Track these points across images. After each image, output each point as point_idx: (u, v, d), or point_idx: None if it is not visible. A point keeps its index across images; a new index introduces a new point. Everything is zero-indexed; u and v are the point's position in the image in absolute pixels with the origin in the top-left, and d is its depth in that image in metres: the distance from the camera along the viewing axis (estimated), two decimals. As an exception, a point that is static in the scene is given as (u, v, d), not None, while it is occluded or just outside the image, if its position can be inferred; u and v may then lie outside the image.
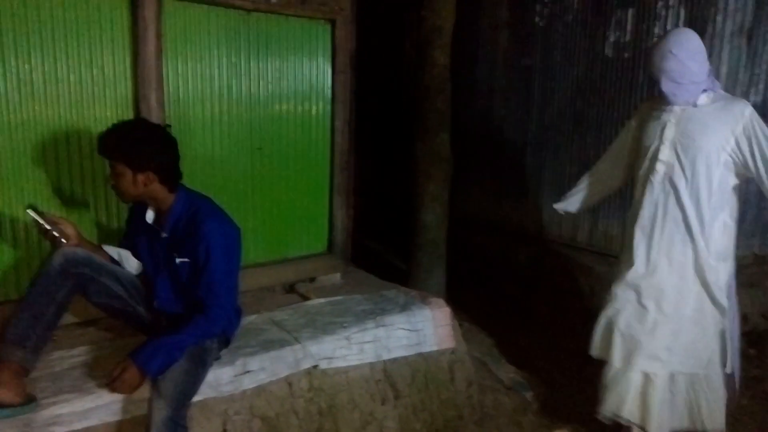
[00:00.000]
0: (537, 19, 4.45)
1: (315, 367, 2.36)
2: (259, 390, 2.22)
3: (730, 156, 2.21)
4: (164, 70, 2.40)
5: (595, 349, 2.46)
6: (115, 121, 2.20)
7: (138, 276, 2.20)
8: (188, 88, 2.50)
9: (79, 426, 1.84)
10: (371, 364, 2.54)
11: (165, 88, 2.41)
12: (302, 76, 2.83)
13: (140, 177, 1.95)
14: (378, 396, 2.54)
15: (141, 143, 1.92)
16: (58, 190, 2.27)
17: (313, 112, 2.90)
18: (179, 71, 2.46)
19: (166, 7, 2.37)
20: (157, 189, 2.01)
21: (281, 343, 2.33)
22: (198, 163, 2.57)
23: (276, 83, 2.74)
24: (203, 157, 2.59)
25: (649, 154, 2.34)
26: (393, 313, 2.69)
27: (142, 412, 1.89)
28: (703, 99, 2.23)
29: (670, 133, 2.29)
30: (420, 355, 2.68)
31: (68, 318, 2.32)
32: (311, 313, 2.66)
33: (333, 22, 2.86)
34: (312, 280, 3.01)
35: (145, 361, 1.86)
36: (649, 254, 2.33)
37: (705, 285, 2.28)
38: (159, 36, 2.35)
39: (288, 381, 2.30)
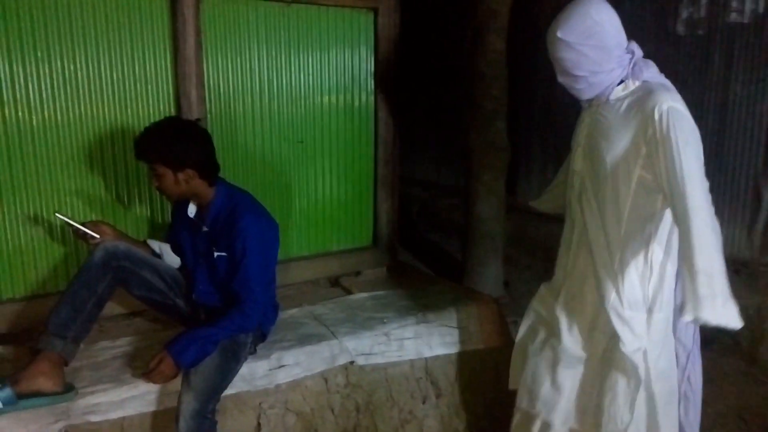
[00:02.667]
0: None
1: (352, 363, 2.32)
2: (294, 385, 2.21)
3: (646, 171, 1.60)
4: (204, 65, 2.42)
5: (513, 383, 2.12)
6: (156, 118, 2.27)
7: (179, 269, 2.25)
8: (229, 82, 2.51)
9: (114, 415, 1.90)
10: (412, 362, 2.47)
11: (206, 84, 2.44)
12: (344, 67, 2.78)
13: (181, 175, 1.97)
14: (418, 394, 2.47)
15: (176, 142, 1.94)
16: (105, 187, 2.34)
17: (356, 103, 2.85)
18: (219, 66, 2.47)
19: (205, 3, 2.39)
20: (198, 184, 2.03)
21: (318, 338, 2.31)
22: (240, 158, 2.59)
23: (317, 75, 2.71)
24: (245, 151, 2.60)
25: (570, 163, 1.88)
26: (437, 309, 2.60)
27: (175, 404, 1.92)
28: (618, 92, 1.66)
29: (582, 137, 1.79)
30: (464, 353, 2.59)
31: (116, 309, 2.41)
32: (352, 308, 2.63)
33: (375, 11, 2.79)
34: (357, 274, 2.98)
35: (179, 352, 1.88)
36: (562, 287, 1.90)
37: (613, 343, 1.73)
38: (198, 32, 2.37)
39: (324, 376, 2.28)
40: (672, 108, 1.53)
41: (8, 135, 2.13)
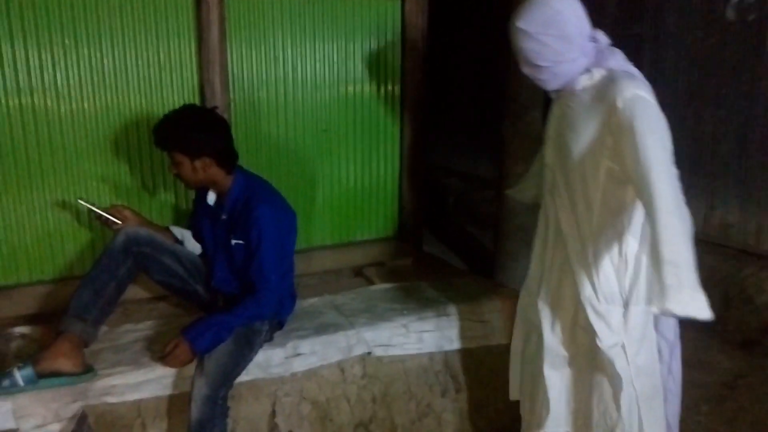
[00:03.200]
0: (649, -18, 4.01)
1: (369, 353, 2.30)
2: (310, 373, 2.21)
3: (614, 162, 1.54)
4: (228, 54, 2.44)
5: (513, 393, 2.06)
6: (181, 103, 2.29)
7: (200, 256, 2.28)
8: (252, 71, 2.52)
9: (130, 398, 1.94)
10: (431, 354, 2.43)
11: (229, 72, 2.45)
12: (370, 56, 2.75)
13: (198, 163, 1.99)
14: (437, 387, 2.43)
15: (193, 130, 1.95)
16: (131, 173, 2.39)
17: (382, 92, 2.81)
18: (243, 55, 2.48)
19: (229, -9, 2.40)
20: (216, 172, 2.04)
21: (335, 328, 2.30)
22: (263, 146, 2.60)
23: (342, 64, 2.69)
24: (269, 140, 2.61)
25: (543, 163, 1.82)
26: (459, 302, 2.55)
27: (190, 388, 1.95)
28: (584, 81, 1.59)
29: (551, 129, 1.75)
30: (486, 348, 2.53)
31: (140, 293, 2.46)
32: (373, 299, 2.60)
33: (403, 2, 2.74)
34: (381, 264, 2.95)
35: (194, 337, 1.91)
36: (540, 286, 1.84)
37: (592, 340, 1.66)
38: (222, 20, 2.38)
39: (340, 366, 2.27)
40: (635, 96, 1.47)
41: (37, 122, 2.20)
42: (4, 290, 2.25)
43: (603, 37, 1.61)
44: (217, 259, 2.18)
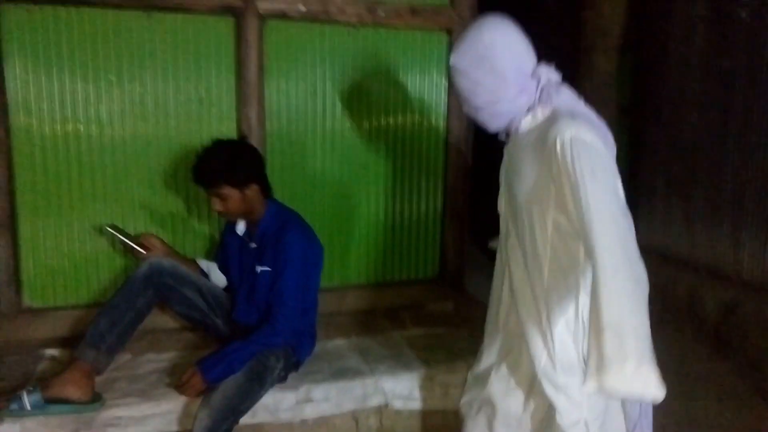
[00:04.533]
0: (741, 11, 3.64)
1: (386, 405, 2.17)
2: (322, 421, 2.11)
3: (560, 214, 1.35)
4: (266, 88, 2.44)
5: None
6: (218, 137, 2.34)
7: (225, 290, 2.26)
8: (290, 104, 2.51)
9: (133, 430, 1.92)
10: (458, 412, 2.25)
11: (266, 106, 2.46)
12: (413, 90, 2.67)
13: (247, 192, 2.01)
14: (462, 448, 2.24)
15: (238, 161, 1.97)
16: (167, 202, 2.43)
17: (425, 128, 2.72)
18: (281, 88, 2.48)
19: (269, 27, 2.42)
20: (259, 199, 2.07)
21: (353, 374, 2.19)
22: (299, 180, 2.57)
23: (383, 98, 2.63)
24: (305, 174, 2.58)
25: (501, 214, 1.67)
26: (495, 355, 2.36)
27: (194, 427, 1.91)
28: (527, 122, 1.44)
29: (502, 175, 1.59)
30: (522, 407, 2.31)
31: (169, 323, 2.48)
32: (401, 345, 2.47)
33: (449, 32, 2.65)
34: (419, 307, 2.81)
35: (207, 368, 1.90)
36: (490, 350, 1.66)
37: (550, 415, 1.45)
38: (261, 56, 2.40)
39: (354, 416, 2.15)
40: (574, 137, 1.28)
41: (80, 151, 2.29)
42: (41, 312, 2.34)
43: (550, 73, 1.44)
44: (240, 289, 2.17)
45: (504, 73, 1.39)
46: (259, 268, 2.08)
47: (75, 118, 2.27)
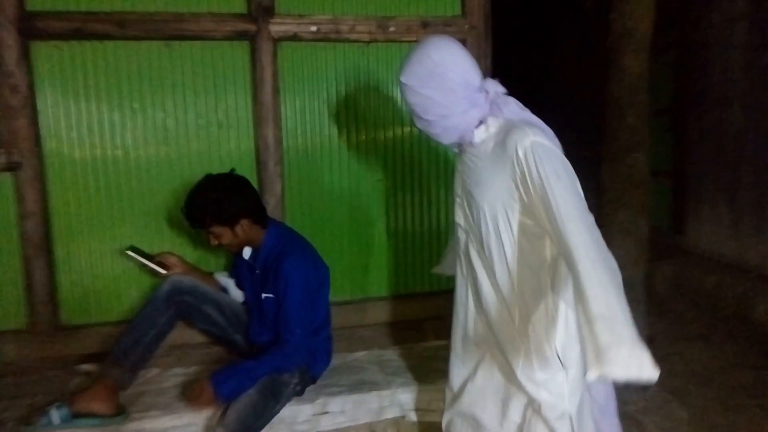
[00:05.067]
0: (784, 4, 3.48)
1: (403, 417, 2.17)
2: (338, 434, 2.13)
3: (526, 217, 1.44)
4: (281, 107, 2.51)
5: None
6: (237, 159, 2.44)
7: (243, 303, 2.33)
8: (306, 122, 2.57)
9: (156, 443, 2.00)
10: (477, 424, 2.23)
11: (282, 125, 2.52)
12: (428, 103, 2.67)
13: (237, 228, 2.05)
14: (482, 462, 2.21)
15: (224, 200, 2.01)
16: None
17: (442, 139, 2.71)
18: (296, 107, 2.55)
19: (282, 49, 2.49)
20: (254, 230, 2.10)
21: (370, 387, 2.20)
22: (317, 196, 2.62)
23: (398, 111, 2.65)
24: (322, 189, 2.63)
25: (456, 225, 1.69)
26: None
27: (214, 439, 1.97)
28: (480, 133, 1.51)
29: (458, 186, 1.64)
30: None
31: (197, 337, 2.56)
32: (422, 357, 2.46)
33: (463, 42, 2.64)
34: (443, 318, 2.80)
35: (218, 382, 1.94)
36: (462, 363, 1.69)
37: (531, 414, 1.51)
38: (275, 77, 2.47)
39: (371, 428, 2.16)
40: (534, 143, 1.38)
41: (108, 175, 2.42)
42: (75, 329, 2.47)
43: (496, 86, 1.52)
44: (252, 310, 2.22)
45: (453, 88, 1.46)
46: (263, 295, 2.12)
47: (102, 144, 2.40)
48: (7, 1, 2.22)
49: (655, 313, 3.72)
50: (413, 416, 2.17)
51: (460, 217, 1.65)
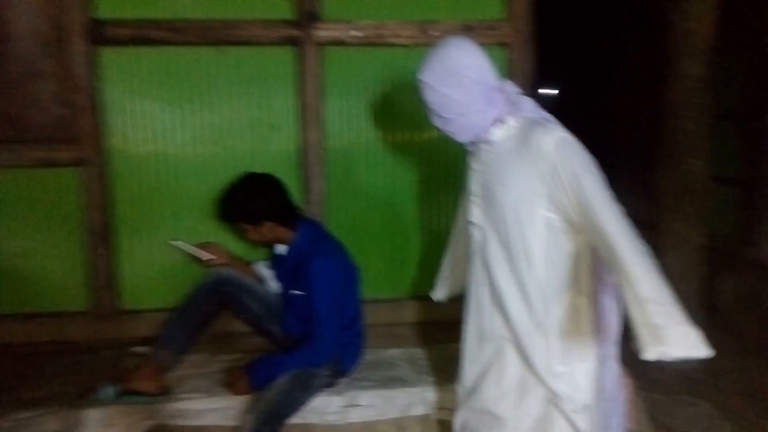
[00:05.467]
0: None
1: (430, 415, 2.21)
2: (366, 426, 2.20)
3: (551, 211, 1.48)
4: (325, 110, 2.61)
5: None
6: (282, 158, 2.56)
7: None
8: (349, 124, 2.66)
9: (194, 423, 2.13)
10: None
11: (326, 127, 2.62)
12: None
13: (263, 229, 2.18)
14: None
15: (250, 201, 2.14)
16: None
17: (483, 142, 2.73)
18: (339, 110, 2.64)
19: (327, 54, 2.59)
20: (280, 231, 2.21)
21: (400, 383, 2.26)
22: (358, 195, 2.71)
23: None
24: (363, 189, 2.71)
25: (466, 216, 1.73)
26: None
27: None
28: (498, 133, 1.55)
29: (476, 184, 1.66)
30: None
31: (242, 326, 2.69)
32: (455, 357, 2.45)
33: (507, 46, 2.65)
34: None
35: (251, 372, 2.09)
36: (476, 359, 1.72)
37: (550, 409, 1.54)
38: (320, 80, 2.57)
39: (398, 424, 2.21)
40: (562, 138, 1.44)
41: (167, 170, 2.62)
42: (134, 314, 2.66)
43: (511, 86, 1.58)
44: (286, 304, 2.32)
45: (471, 87, 1.50)
46: (291, 292, 2.22)
47: (160, 143, 2.59)
48: (77, 12, 2.43)
49: (715, 326, 3.56)
50: (440, 415, 2.21)
51: (477, 216, 1.67)
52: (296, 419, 2.09)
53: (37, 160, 2.51)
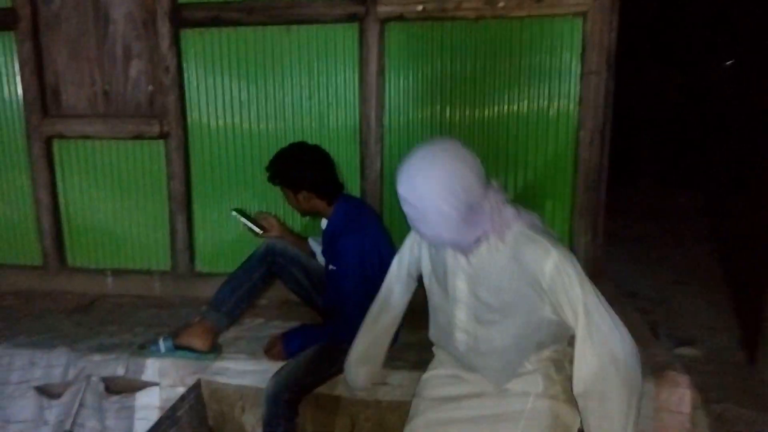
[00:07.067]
0: None
1: (457, 402, 2.15)
2: (395, 405, 2.20)
3: (553, 314, 1.44)
4: (385, 87, 2.59)
5: None
6: (343, 134, 2.64)
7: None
8: (408, 101, 2.62)
9: (236, 381, 2.28)
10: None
11: (385, 104, 2.61)
12: (539, 79, 2.52)
13: (299, 196, 2.24)
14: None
15: (294, 167, 2.21)
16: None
17: (552, 119, 2.54)
18: (399, 87, 2.61)
19: (388, 29, 2.56)
20: (318, 203, 2.26)
21: (431, 367, 2.22)
22: (417, 175, 2.65)
23: (504, 88, 2.55)
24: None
25: (443, 314, 1.63)
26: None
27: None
28: (487, 248, 1.45)
29: (461, 291, 1.53)
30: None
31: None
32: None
33: (583, 15, 2.42)
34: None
35: (288, 341, 2.20)
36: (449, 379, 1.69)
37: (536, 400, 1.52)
38: (381, 56, 2.55)
39: (426, 407, 2.18)
40: (558, 259, 1.37)
41: (237, 145, 2.79)
42: (206, 276, 2.90)
43: (498, 195, 1.43)
44: (327, 278, 2.38)
45: (450, 213, 1.37)
46: (329, 267, 2.25)
47: (233, 118, 2.77)
48: (163, -2, 2.66)
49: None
50: (469, 403, 2.15)
51: (461, 321, 1.57)
52: (325, 389, 2.16)
53: (128, 132, 2.81)
